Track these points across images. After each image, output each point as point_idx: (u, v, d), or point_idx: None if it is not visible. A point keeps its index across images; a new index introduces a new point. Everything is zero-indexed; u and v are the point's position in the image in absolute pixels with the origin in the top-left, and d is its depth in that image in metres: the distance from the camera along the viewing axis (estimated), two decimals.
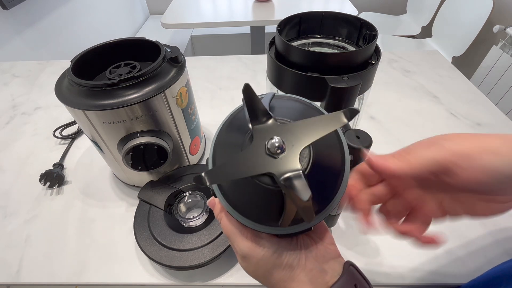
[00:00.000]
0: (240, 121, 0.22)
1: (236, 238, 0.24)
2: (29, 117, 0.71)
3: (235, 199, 0.21)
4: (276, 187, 0.19)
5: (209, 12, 1.55)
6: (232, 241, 0.25)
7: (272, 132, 0.18)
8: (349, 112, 0.18)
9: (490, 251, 0.42)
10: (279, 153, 0.17)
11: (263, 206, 0.20)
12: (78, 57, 0.43)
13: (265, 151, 0.18)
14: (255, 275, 0.25)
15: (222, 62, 0.87)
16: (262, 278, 0.24)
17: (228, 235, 0.25)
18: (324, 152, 0.20)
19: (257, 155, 0.18)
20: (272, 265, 0.23)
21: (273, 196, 0.19)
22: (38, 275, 0.43)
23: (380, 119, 0.65)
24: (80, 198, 0.52)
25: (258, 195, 0.20)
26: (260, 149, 0.18)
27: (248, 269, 0.25)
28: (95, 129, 0.41)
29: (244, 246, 0.24)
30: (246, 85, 0.19)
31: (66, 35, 1.52)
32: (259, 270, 0.24)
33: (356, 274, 0.23)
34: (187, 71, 0.46)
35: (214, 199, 0.26)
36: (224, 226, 0.25)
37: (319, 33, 0.42)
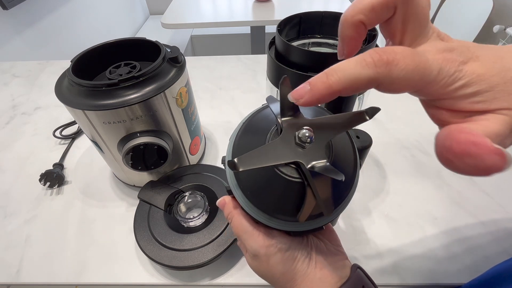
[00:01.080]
0: (258, 125, 0.23)
1: (248, 236, 0.24)
2: (29, 117, 0.71)
3: (252, 193, 0.22)
4: (298, 179, 0.19)
5: (209, 12, 1.55)
6: (244, 240, 0.24)
7: (301, 124, 0.19)
8: (371, 110, 0.19)
9: (490, 250, 0.42)
10: (308, 143, 0.18)
11: (281, 200, 0.21)
12: (78, 57, 0.43)
13: (294, 141, 0.19)
14: (265, 274, 0.25)
15: (222, 62, 0.87)
16: (272, 278, 0.24)
17: (240, 234, 0.25)
18: (340, 151, 0.21)
19: (287, 145, 0.19)
20: (283, 264, 0.23)
21: (294, 188, 0.20)
22: (38, 275, 0.43)
23: (380, 119, 0.65)
24: (80, 198, 0.52)
25: (278, 188, 0.20)
26: (289, 139, 0.19)
27: (259, 268, 0.25)
28: (95, 129, 0.41)
29: (257, 244, 0.23)
30: (286, 77, 0.19)
31: (66, 35, 1.52)
32: (270, 269, 0.24)
33: (363, 277, 0.23)
34: (187, 71, 0.46)
35: (225, 198, 0.26)
36: (236, 225, 0.25)
37: (319, 33, 0.42)
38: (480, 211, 0.47)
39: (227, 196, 0.26)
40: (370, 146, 0.27)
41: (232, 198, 0.26)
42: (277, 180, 0.20)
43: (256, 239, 0.23)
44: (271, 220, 0.22)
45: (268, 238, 0.23)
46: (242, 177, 0.22)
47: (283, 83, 0.19)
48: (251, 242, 0.24)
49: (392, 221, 0.46)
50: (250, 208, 0.22)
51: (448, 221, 0.46)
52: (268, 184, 0.21)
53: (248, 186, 0.22)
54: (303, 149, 0.19)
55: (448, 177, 0.52)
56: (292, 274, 0.23)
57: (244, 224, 0.24)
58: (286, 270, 0.23)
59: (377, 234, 0.45)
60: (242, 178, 0.22)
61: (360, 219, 0.47)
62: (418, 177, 0.52)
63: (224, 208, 0.26)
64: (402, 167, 0.54)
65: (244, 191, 0.22)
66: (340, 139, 0.22)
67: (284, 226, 0.22)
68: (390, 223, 0.46)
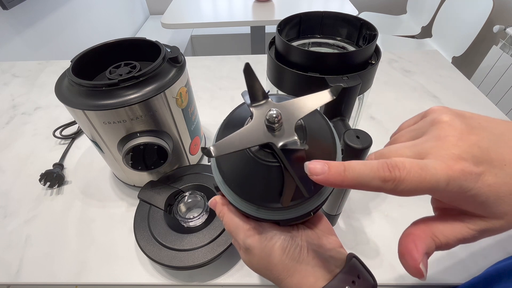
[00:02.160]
0: (237, 119, 0.23)
1: (239, 231, 0.24)
2: (29, 117, 0.71)
3: (237, 185, 0.22)
4: (276, 163, 0.20)
5: (209, 12, 1.55)
6: (235, 234, 0.25)
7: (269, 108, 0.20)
8: (334, 89, 0.20)
9: (490, 250, 0.42)
10: (277, 124, 0.19)
11: (264, 187, 0.21)
12: (78, 57, 0.43)
13: (264, 124, 0.20)
14: (258, 267, 0.25)
15: (222, 62, 0.87)
16: (265, 270, 0.24)
17: (231, 230, 0.25)
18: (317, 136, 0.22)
19: (258, 129, 0.20)
20: (275, 255, 0.23)
21: (274, 173, 0.21)
22: (38, 275, 0.43)
23: (380, 119, 0.65)
24: (80, 198, 0.52)
25: (259, 175, 0.21)
26: (260, 124, 0.20)
27: (251, 262, 0.25)
28: (95, 129, 0.41)
29: (247, 238, 0.24)
30: (247, 64, 0.21)
31: (66, 35, 1.52)
32: (263, 261, 0.24)
33: (358, 265, 0.23)
34: (187, 71, 0.46)
35: (215, 198, 0.27)
36: (227, 222, 0.25)
37: (319, 33, 0.42)
38: None
39: (217, 196, 0.27)
40: (370, 146, 0.27)
41: (222, 197, 0.26)
42: (257, 167, 0.21)
43: (246, 233, 0.24)
44: (258, 210, 0.22)
45: (258, 230, 0.24)
46: (225, 170, 0.22)
47: (246, 71, 0.20)
48: (242, 236, 0.24)
49: (392, 221, 0.46)
50: (237, 200, 0.23)
51: None
52: (249, 173, 0.21)
53: (232, 178, 0.22)
54: (273, 131, 0.20)
55: None
56: (284, 264, 0.23)
57: (235, 220, 0.25)
58: (278, 261, 0.23)
59: (377, 234, 0.45)
60: (225, 171, 0.22)
61: (360, 219, 0.47)
62: None
63: (215, 207, 0.27)
64: None
65: (228, 184, 0.22)
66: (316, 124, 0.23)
67: (271, 215, 0.22)
68: (390, 223, 0.46)
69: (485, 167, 0.18)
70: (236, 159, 0.22)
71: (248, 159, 0.21)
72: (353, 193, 0.50)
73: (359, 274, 0.23)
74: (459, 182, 0.17)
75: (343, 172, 0.18)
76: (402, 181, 0.17)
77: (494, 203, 0.18)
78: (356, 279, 0.22)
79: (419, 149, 0.19)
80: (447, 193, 0.18)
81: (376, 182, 0.18)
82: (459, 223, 0.19)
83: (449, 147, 0.18)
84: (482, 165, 0.18)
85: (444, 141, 0.19)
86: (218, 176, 0.23)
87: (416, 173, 0.17)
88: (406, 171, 0.17)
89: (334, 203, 0.38)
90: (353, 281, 0.22)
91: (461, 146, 0.18)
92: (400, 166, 0.17)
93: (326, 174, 0.18)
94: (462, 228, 0.19)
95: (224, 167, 0.23)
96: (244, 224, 0.24)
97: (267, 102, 0.21)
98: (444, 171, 0.17)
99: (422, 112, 0.23)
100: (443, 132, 0.19)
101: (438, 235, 0.19)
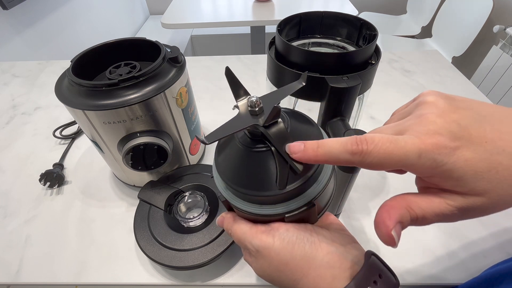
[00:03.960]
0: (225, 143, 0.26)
1: (246, 236, 0.24)
2: (29, 117, 0.71)
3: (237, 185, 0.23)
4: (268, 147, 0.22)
5: (209, 12, 1.55)
6: (244, 241, 0.25)
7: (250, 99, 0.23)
8: (303, 77, 0.24)
9: (490, 251, 0.42)
10: (257, 108, 0.22)
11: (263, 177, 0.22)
12: (78, 57, 0.43)
13: (249, 112, 0.22)
14: (270, 271, 0.24)
15: (222, 62, 0.87)
16: (277, 273, 0.23)
17: (241, 239, 0.25)
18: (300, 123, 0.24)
19: (244, 116, 0.22)
20: (285, 252, 0.23)
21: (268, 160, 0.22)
22: (38, 275, 0.43)
23: (380, 119, 0.65)
24: (80, 198, 0.52)
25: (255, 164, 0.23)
26: (245, 112, 0.22)
27: (263, 267, 0.24)
28: (95, 129, 0.41)
29: (254, 238, 0.24)
30: (227, 68, 0.24)
31: (66, 35, 1.52)
32: (273, 262, 0.23)
33: (379, 264, 0.22)
34: (187, 71, 0.46)
35: (222, 215, 0.27)
36: (235, 232, 0.25)
37: (319, 33, 0.42)
38: None
39: (223, 213, 0.27)
40: None
41: (228, 212, 0.27)
42: (251, 157, 0.23)
43: (254, 234, 0.24)
44: (262, 207, 0.23)
45: (265, 229, 0.24)
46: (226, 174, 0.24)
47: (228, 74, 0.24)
48: (252, 239, 0.24)
49: None
50: (241, 202, 0.24)
51: None
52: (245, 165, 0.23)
53: (231, 177, 0.23)
54: (256, 116, 0.22)
55: None
56: (296, 261, 0.22)
57: (242, 227, 0.25)
58: (289, 258, 0.22)
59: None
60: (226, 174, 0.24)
61: (360, 219, 0.47)
62: None
63: (223, 223, 0.27)
64: None
65: (230, 186, 0.23)
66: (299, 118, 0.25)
67: (275, 209, 0.23)
68: None
69: (462, 142, 0.18)
70: (233, 157, 0.24)
71: (242, 152, 0.23)
72: (353, 193, 0.50)
73: (380, 273, 0.21)
74: (432, 155, 0.17)
75: (316, 148, 0.20)
76: (369, 153, 0.18)
77: (472, 179, 0.18)
78: (378, 278, 0.21)
79: (400, 128, 0.20)
80: (421, 167, 0.18)
81: (345, 155, 0.19)
82: (437, 198, 0.19)
83: (426, 124, 0.19)
84: (459, 140, 0.18)
85: (422, 118, 0.19)
86: (221, 183, 0.25)
87: (384, 145, 0.18)
88: (373, 144, 0.18)
89: (334, 203, 0.38)
90: (374, 281, 0.21)
91: (438, 123, 0.18)
92: (368, 140, 0.18)
93: (302, 151, 0.20)
94: (440, 203, 0.19)
95: (224, 171, 0.24)
96: (251, 228, 0.24)
97: (249, 97, 0.23)
98: (415, 145, 0.18)
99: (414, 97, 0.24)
100: (424, 111, 0.20)
101: (413, 207, 0.19)
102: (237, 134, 0.24)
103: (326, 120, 0.34)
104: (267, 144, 0.22)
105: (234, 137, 0.24)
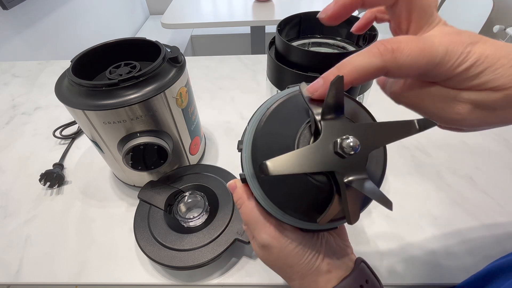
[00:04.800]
0: (288, 113, 0.21)
1: (258, 226, 0.23)
2: (29, 117, 0.71)
3: (271, 189, 0.20)
4: (326, 185, 0.19)
5: (209, 12, 1.55)
6: (253, 228, 0.24)
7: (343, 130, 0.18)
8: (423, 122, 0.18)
9: (490, 250, 0.42)
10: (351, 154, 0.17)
11: (301, 201, 0.20)
12: (78, 57, 0.43)
13: (333, 148, 0.17)
14: (273, 264, 0.25)
15: (222, 62, 0.87)
16: (278, 268, 0.24)
17: (250, 223, 0.24)
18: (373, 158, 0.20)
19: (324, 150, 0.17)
20: (293, 257, 0.23)
21: (319, 192, 0.19)
22: (38, 275, 0.43)
23: (380, 119, 0.65)
24: (80, 198, 0.52)
25: (301, 189, 0.19)
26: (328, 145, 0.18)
27: (267, 258, 0.25)
28: (95, 129, 0.41)
29: (268, 235, 0.23)
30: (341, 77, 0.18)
31: (66, 35, 1.52)
32: (279, 260, 0.24)
33: (366, 270, 0.24)
34: (187, 71, 0.46)
35: (236, 181, 0.25)
36: (246, 212, 0.24)
37: (319, 33, 0.42)
38: (480, 211, 0.47)
39: (238, 180, 0.25)
40: None
41: (244, 185, 0.24)
42: (303, 182, 0.19)
43: (267, 230, 0.23)
44: (284, 216, 0.21)
45: (280, 229, 0.23)
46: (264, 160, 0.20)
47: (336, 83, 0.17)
48: (262, 233, 0.23)
49: (392, 221, 0.46)
50: (266, 202, 0.21)
51: (448, 221, 0.46)
52: (290, 183, 0.19)
53: (267, 180, 0.20)
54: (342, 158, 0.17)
55: (448, 177, 0.52)
56: (300, 269, 0.23)
57: (255, 212, 0.23)
58: (295, 263, 0.23)
59: (377, 234, 0.45)
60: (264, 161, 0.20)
61: (360, 219, 0.47)
62: (418, 177, 0.52)
63: (234, 191, 0.25)
64: (402, 167, 0.54)
65: (261, 182, 0.20)
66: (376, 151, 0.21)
67: (298, 223, 0.21)
68: (390, 223, 0.46)
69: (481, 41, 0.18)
70: None
71: None
72: None
73: (367, 279, 0.23)
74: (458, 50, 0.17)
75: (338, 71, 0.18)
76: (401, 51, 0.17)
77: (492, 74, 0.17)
78: (364, 283, 0.23)
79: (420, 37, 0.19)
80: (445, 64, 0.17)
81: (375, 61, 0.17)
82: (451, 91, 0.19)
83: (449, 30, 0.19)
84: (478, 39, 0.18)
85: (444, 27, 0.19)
86: (249, 169, 0.21)
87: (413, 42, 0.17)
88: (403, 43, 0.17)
89: None
90: (361, 285, 0.22)
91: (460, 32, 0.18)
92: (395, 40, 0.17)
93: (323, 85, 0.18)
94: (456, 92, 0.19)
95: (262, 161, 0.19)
96: (265, 222, 0.23)
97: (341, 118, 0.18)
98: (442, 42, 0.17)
99: None
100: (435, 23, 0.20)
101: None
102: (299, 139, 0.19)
103: None
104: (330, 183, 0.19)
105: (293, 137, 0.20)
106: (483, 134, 0.60)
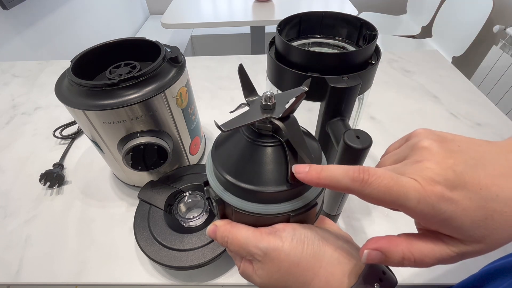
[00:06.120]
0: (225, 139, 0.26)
1: (251, 241, 0.23)
2: (29, 117, 0.71)
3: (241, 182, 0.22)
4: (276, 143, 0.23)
5: (209, 12, 1.55)
6: (248, 246, 0.23)
7: None
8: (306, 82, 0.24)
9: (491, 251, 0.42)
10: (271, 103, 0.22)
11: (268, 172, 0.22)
12: (78, 57, 0.43)
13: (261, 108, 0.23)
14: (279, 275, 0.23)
15: (222, 62, 0.87)
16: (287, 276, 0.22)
17: (243, 244, 0.23)
18: None
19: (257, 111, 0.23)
20: (295, 252, 0.22)
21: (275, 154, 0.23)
22: (38, 275, 0.43)
23: (380, 119, 0.65)
24: (80, 198, 0.52)
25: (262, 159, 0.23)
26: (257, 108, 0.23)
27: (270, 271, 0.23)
28: (95, 129, 0.41)
29: (265, 242, 0.22)
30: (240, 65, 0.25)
31: (66, 35, 1.52)
32: (283, 264, 0.22)
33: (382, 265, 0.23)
34: (187, 71, 0.46)
35: (214, 223, 0.25)
36: (233, 240, 0.23)
37: (319, 33, 0.42)
38: None
39: (216, 221, 0.26)
40: (370, 146, 0.27)
41: (223, 220, 0.25)
42: (259, 152, 0.23)
43: (260, 237, 0.23)
44: (266, 207, 0.23)
45: (271, 231, 0.23)
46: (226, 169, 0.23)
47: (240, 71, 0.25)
48: (257, 242, 0.22)
49: (392, 221, 0.46)
50: (242, 201, 0.23)
51: None
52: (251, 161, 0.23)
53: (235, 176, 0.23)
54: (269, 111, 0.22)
55: None
56: (307, 260, 0.22)
57: (245, 232, 0.23)
58: (299, 257, 0.22)
59: (377, 234, 0.44)
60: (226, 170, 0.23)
61: (360, 219, 0.47)
62: None
63: (216, 233, 0.25)
64: None
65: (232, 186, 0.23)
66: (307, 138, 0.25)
67: (280, 207, 0.23)
68: (390, 223, 0.46)
69: (459, 191, 0.18)
70: (237, 153, 0.24)
71: (248, 147, 0.23)
72: None
73: (384, 270, 0.23)
74: (432, 203, 0.18)
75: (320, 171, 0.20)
76: (369, 184, 0.18)
77: (471, 227, 0.18)
78: (382, 275, 0.22)
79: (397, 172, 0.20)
80: (419, 212, 0.18)
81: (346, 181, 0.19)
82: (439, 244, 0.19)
83: (424, 170, 0.19)
84: (456, 189, 0.18)
85: (420, 164, 0.19)
86: (217, 185, 0.24)
87: (385, 180, 0.18)
88: (375, 176, 0.19)
89: (334, 203, 0.38)
90: (380, 278, 0.22)
91: (435, 169, 0.19)
92: (371, 172, 0.19)
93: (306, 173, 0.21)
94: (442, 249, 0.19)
95: (225, 168, 0.23)
96: (255, 231, 0.23)
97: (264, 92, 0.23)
98: (416, 188, 0.18)
99: (407, 135, 0.24)
100: (420, 157, 0.20)
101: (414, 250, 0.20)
102: (242, 128, 0.24)
103: (326, 120, 0.34)
104: (276, 139, 0.23)
105: (238, 131, 0.24)
106: (482, 135, 0.60)
